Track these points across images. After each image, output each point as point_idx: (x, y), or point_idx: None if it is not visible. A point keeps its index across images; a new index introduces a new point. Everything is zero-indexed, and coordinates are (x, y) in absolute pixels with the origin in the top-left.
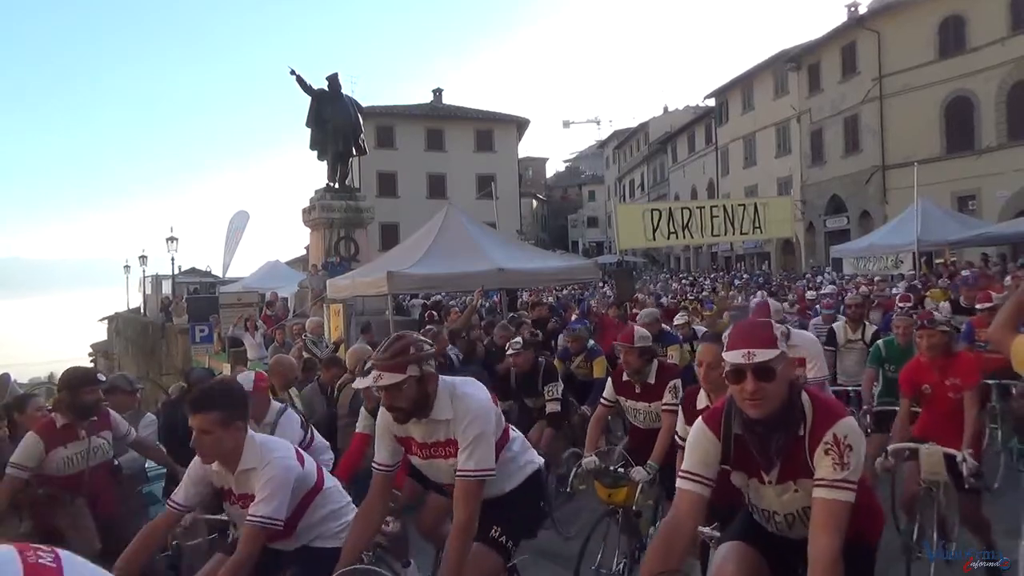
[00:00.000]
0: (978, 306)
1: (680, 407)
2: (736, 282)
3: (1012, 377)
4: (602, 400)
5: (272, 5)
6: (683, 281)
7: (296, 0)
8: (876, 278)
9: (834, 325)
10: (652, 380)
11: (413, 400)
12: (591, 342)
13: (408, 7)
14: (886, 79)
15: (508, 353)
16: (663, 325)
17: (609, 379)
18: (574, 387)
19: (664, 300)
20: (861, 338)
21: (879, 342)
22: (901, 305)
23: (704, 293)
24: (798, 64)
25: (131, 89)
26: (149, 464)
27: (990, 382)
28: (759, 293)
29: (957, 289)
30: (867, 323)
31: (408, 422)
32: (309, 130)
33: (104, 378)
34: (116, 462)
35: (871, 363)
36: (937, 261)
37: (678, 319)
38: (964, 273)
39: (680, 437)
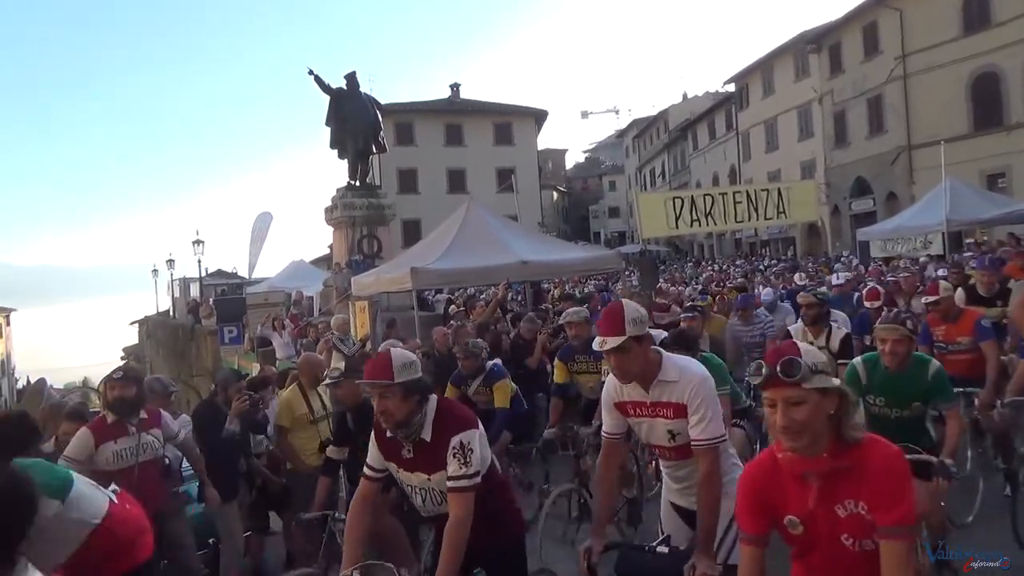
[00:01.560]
0: (924, 300)
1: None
2: (761, 268)
3: (976, 383)
4: (365, 471)
5: (289, 6)
6: (711, 268)
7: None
8: (902, 262)
9: (791, 328)
10: (428, 436)
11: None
12: (493, 361)
13: (423, 3)
14: (909, 57)
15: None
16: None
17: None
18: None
19: (689, 290)
20: (826, 346)
21: (856, 362)
22: (871, 304)
23: (740, 280)
24: (819, 45)
25: (154, 95)
26: (187, 464)
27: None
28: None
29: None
30: (834, 326)
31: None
32: (329, 129)
33: (122, 374)
34: (167, 460)
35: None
36: (967, 240)
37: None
38: (965, 255)
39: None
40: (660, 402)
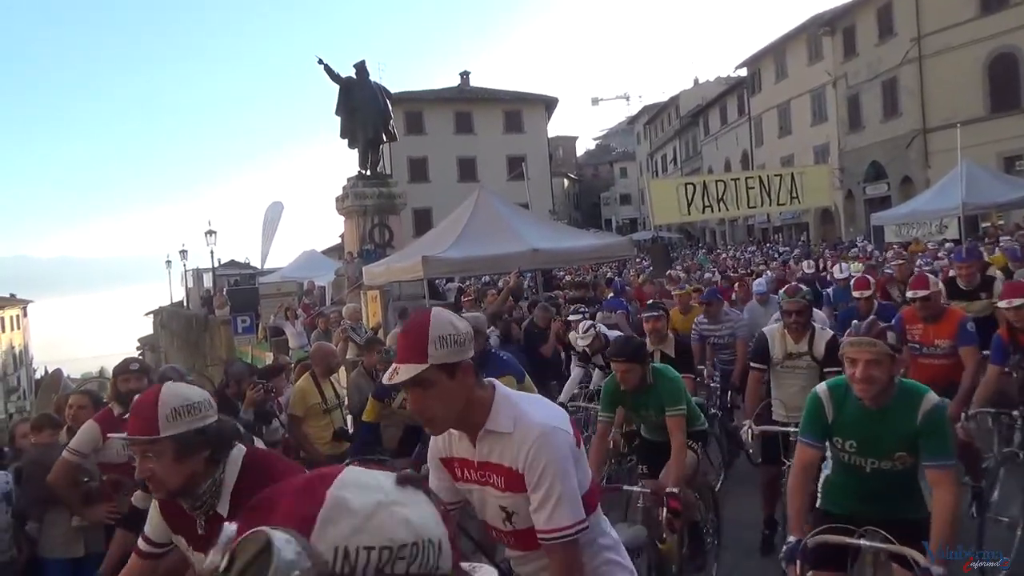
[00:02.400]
0: (910, 294)
1: None
2: (778, 253)
3: (951, 393)
4: (139, 543)
5: None
6: (728, 254)
7: None
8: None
9: (766, 330)
10: (224, 509)
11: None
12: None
13: None
14: (925, 39)
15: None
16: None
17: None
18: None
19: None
20: (808, 351)
21: (820, 390)
22: (860, 294)
23: (761, 267)
24: (832, 28)
25: (166, 91)
26: None
27: None
28: (805, 263)
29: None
30: (817, 327)
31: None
32: (339, 119)
33: (138, 366)
34: None
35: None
36: (984, 224)
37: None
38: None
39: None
40: (489, 463)
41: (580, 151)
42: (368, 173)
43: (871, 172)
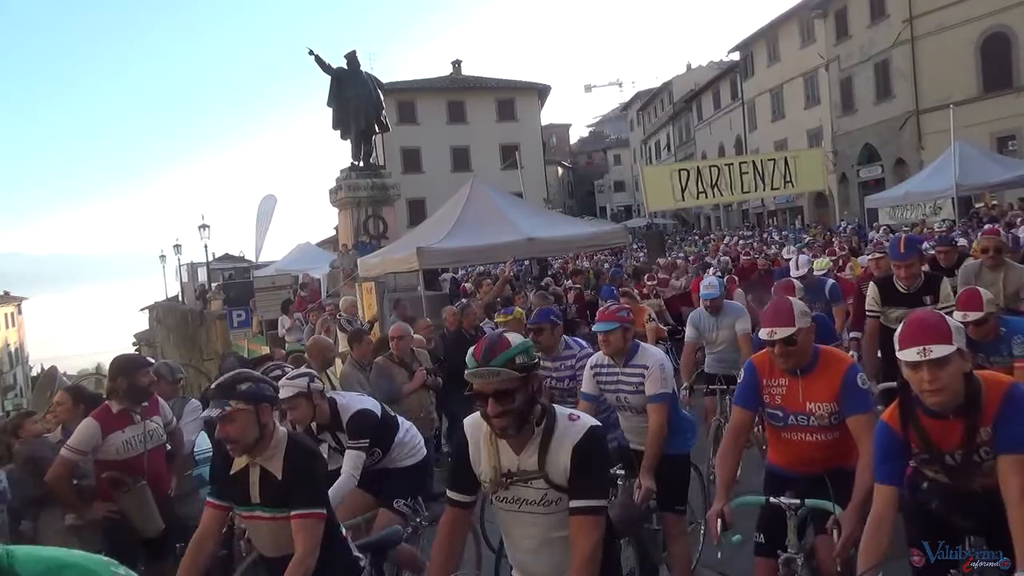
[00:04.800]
0: (764, 334)
1: None
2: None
3: (840, 483)
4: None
5: None
6: (725, 242)
7: None
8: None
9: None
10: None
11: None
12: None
13: None
14: (917, 20)
15: None
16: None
17: None
18: None
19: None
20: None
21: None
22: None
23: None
24: (824, 11)
25: (157, 83)
26: (198, 448)
27: None
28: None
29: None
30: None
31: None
32: (331, 110)
33: (153, 361)
34: (168, 446)
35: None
36: (977, 205)
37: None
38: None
39: None
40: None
41: (574, 139)
42: (361, 164)
43: (864, 155)
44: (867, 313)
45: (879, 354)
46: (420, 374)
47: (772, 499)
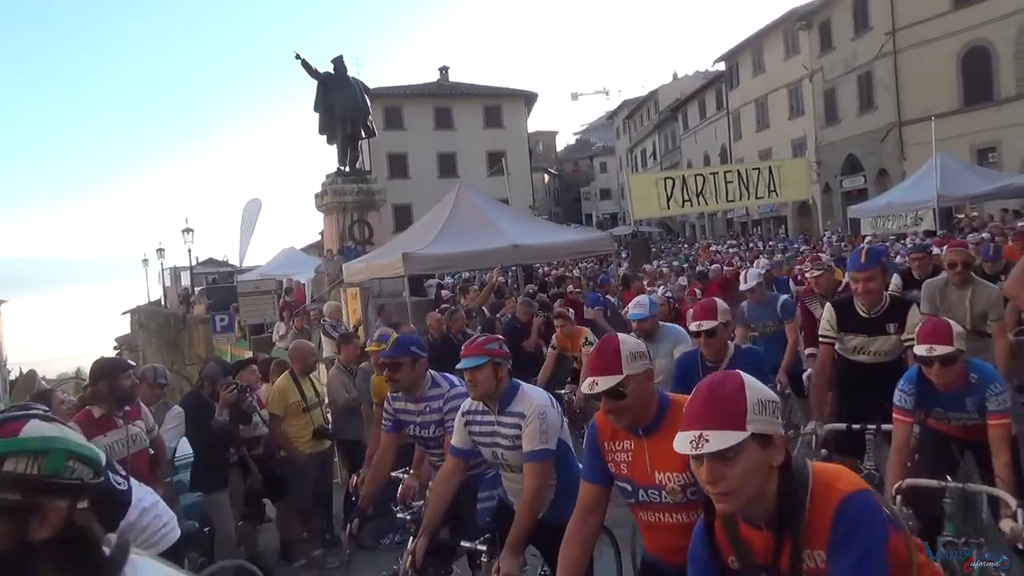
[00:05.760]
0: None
1: None
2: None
3: None
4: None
5: None
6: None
7: None
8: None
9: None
10: None
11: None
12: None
13: None
14: (899, 33)
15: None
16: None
17: None
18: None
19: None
20: None
21: None
22: (699, 327)
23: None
24: (809, 23)
25: (141, 82)
26: (179, 454)
27: None
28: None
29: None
30: None
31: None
32: (317, 115)
33: (134, 364)
34: (151, 451)
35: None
36: (958, 216)
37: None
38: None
39: None
40: None
41: (560, 146)
42: (347, 169)
43: (847, 165)
44: (820, 339)
45: (839, 388)
46: None
47: None
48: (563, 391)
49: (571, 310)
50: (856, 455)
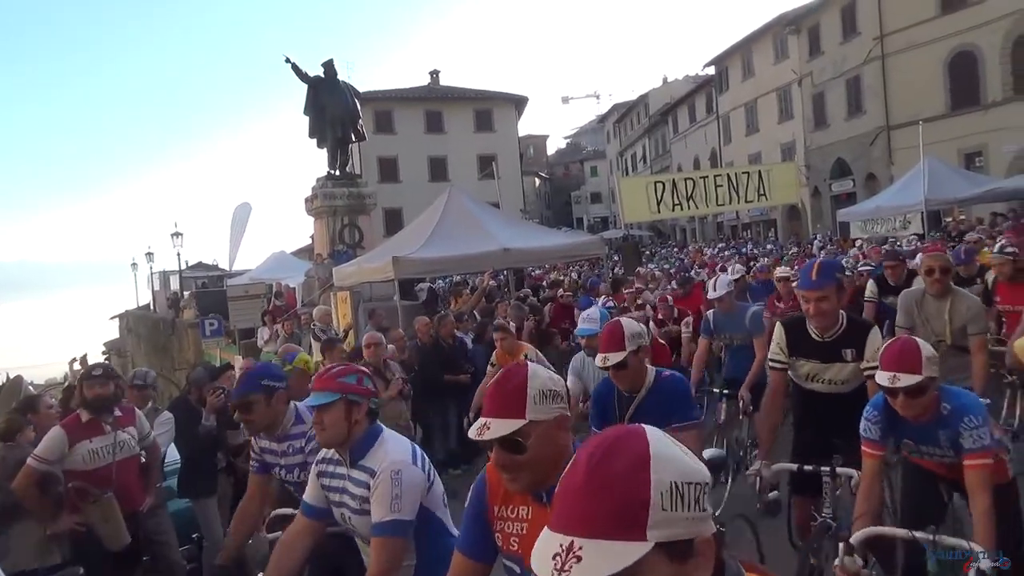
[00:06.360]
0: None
1: None
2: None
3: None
4: None
5: None
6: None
7: None
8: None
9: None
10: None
11: None
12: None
13: None
14: (887, 38)
15: None
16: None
17: None
18: None
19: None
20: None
21: None
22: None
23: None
24: (797, 27)
25: (128, 83)
26: (168, 459)
27: None
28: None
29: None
30: None
31: None
32: (307, 118)
33: (102, 371)
34: (142, 458)
35: None
36: (946, 219)
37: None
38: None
39: None
40: None
41: (551, 150)
42: (337, 173)
43: (836, 169)
44: (770, 364)
45: (796, 421)
46: (397, 383)
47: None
48: None
49: (548, 318)
50: (815, 496)
